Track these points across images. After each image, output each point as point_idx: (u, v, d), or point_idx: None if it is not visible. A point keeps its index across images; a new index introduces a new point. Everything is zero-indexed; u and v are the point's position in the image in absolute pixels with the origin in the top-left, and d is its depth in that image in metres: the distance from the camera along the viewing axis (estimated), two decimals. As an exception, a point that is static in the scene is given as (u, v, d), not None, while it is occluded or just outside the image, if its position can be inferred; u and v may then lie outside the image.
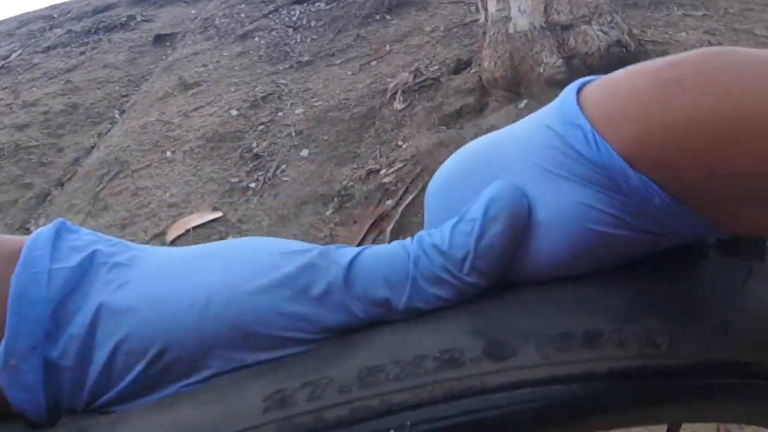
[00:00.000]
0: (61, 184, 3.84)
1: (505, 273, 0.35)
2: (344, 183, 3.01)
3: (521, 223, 0.34)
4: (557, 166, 0.33)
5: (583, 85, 0.35)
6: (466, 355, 0.32)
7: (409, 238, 0.38)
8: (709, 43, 3.73)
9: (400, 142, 3.21)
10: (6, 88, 4.99)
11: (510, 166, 0.36)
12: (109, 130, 4.19)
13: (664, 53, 3.44)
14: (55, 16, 6.33)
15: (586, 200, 0.32)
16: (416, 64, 3.82)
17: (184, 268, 0.37)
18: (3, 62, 5.52)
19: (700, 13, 4.18)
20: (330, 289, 0.34)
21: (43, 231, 0.37)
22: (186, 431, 0.32)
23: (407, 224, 2.70)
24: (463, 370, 0.31)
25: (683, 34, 3.83)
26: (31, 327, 0.33)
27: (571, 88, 0.35)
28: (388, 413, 0.30)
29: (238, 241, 0.40)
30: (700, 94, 0.29)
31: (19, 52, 5.68)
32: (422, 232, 0.38)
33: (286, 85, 3.99)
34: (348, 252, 0.37)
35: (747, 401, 0.37)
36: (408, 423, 0.30)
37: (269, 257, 0.36)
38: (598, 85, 0.34)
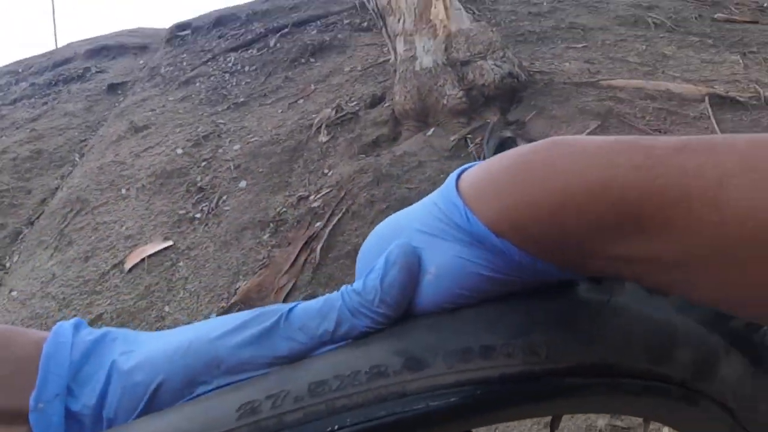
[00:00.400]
0: (31, 223, 3.80)
1: (413, 306, 0.38)
2: (278, 209, 3.02)
3: (414, 264, 0.36)
4: (441, 232, 0.36)
5: (464, 170, 0.37)
6: (390, 369, 0.34)
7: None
8: (589, 72, 3.83)
9: (326, 170, 3.23)
10: None
11: (407, 233, 0.38)
12: (70, 172, 4.13)
13: (550, 82, 3.56)
14: (20, 70, 6.17)
15: (464, 255, 0.35)
16: (337, 101, 3.83)
17: (172, 332, 0.39)
18: None
19: (581, 45, 4.26)
20: (276, 325, 0.37)
21: (64, 322, 0.39)
22: None
23: (335, 243, 2.72)
24: (388, 380, 0.34)
25: (566, 64, 3.91)
26: (56, 380, 0.35)
27: (453, 174, 0.37)
28: (332, 414, 0.33)
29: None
30: (542, 178, 0.32)
31: None
32: (347, 285, 0.40)
33: (224, 124, 3.98)
34: (290, 304, 0.40)
35: (618, 395, 0.38)
36: (348, 420, 0.33)
37: (233, 317, 0.40)
38: (474, 170, 0.36)
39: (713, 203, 0.28)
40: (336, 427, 0.33)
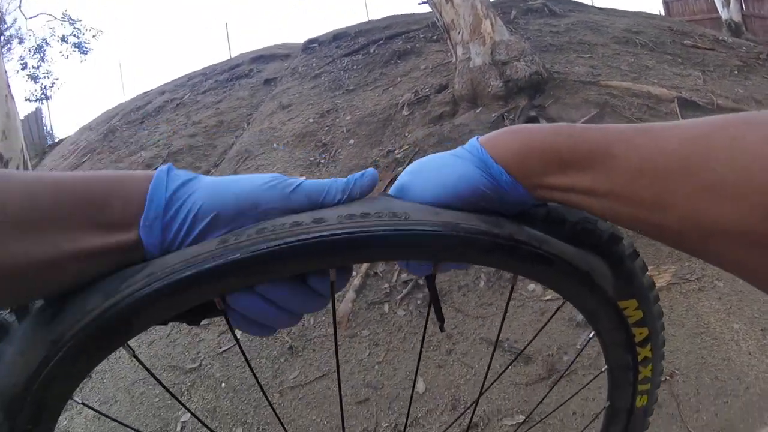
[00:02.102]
0: (216, 166, 3.92)
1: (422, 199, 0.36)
2: (374, 158, 3.01)
3: (375, 183, 0.37)
4: (465, 155, 0.35)
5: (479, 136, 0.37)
6: (304, 222, 0.32)
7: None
8: (592, 74, 3.65)
9: (406, 134, 3.20)
10: (183, 114, 5.05)
11: (446, 156, 0.37)
12: (241, 135, 4.22)
13: (564, 79, 3.40)
14: (207, 73, 6.32)
15: (475, 172, 0.34)
16: (415, 88, 3.78)
17: (231, 179, 0.36)
18: (179, 100, 5.57)
19: (587, 56, 4.08)
20: (295, 189, 0.35)
21: (162, 166, 0.36)
22: (177, 259, 0.32)
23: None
24: (301, 227, 0.32)
25: (576, 68, 3.76)
26: (156, 207, 0.33)
27: (474, 138, 0.37)
28: (264, 241, 0.31)
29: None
30: (519, 137, 0.34)
31: (189, 94, 5.72)
32: (336, 178, 0.39)
33: (340, 103, 3.97)
34: (301, 179, 0.38)
35: (469, 249, 0.35)
36: (265, 246, 0.31)
37: (270, 176, 0.36)
38: (487, 134, 0.36)
39: (619, 155, 0.30)
40: (265, 247, 0.31)
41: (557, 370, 1.54)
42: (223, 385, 1.81)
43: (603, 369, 0.48)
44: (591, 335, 0.47)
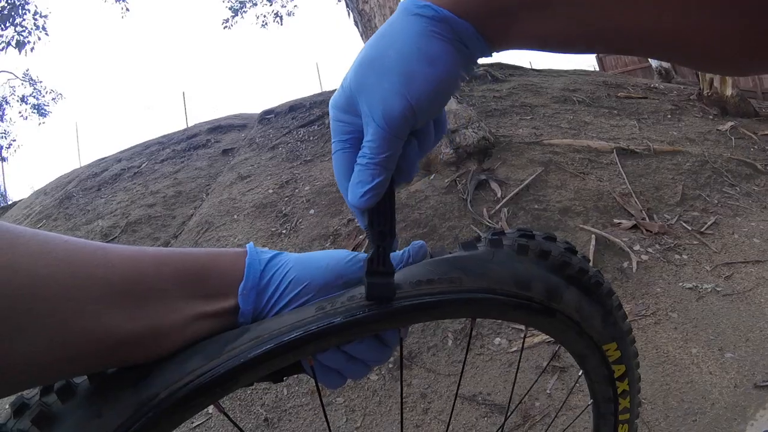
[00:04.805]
0: (176, 237, 3.82)
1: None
2: (335, 227, 3.04)
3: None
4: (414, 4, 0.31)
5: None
6: (358, 295, 0.37)
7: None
8: (535, 134, 3.81)
9: None
10: (140, 183, 4.96)
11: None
12: (200, 205, 4.20)
13: (510, 142, 3.58)
14: (165, 142, 6.28)
15: (430, 26, 0.31)
16: None
17: (315, 255, 0.40)
18: (137, 169, 5.46)
19: (529, 117, 4.28)
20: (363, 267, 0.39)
21: (251, 244, 0.40)
22: (281, 324, 0.35)
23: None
24: (357, 301, 0.37)
25: (520, 130, 3.93)
26: (253, 279, 0.37)
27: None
28: (348, 311, 0.36)
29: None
30: None
31: (147, 162, 5.64)
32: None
33: (299, 174, 4.01)
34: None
35: (503, 307, 0.41)
36: (359, 313, 0.36)
37: (346, 253, 0.41)
38: None
39: None
40: (360, 313, 0.36)
41: (531, 416, 1.59)
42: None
43: (589, 402, 0.57)
44: (581, 373, 0.54)
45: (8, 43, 9.63)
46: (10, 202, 8.47)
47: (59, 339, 0.28)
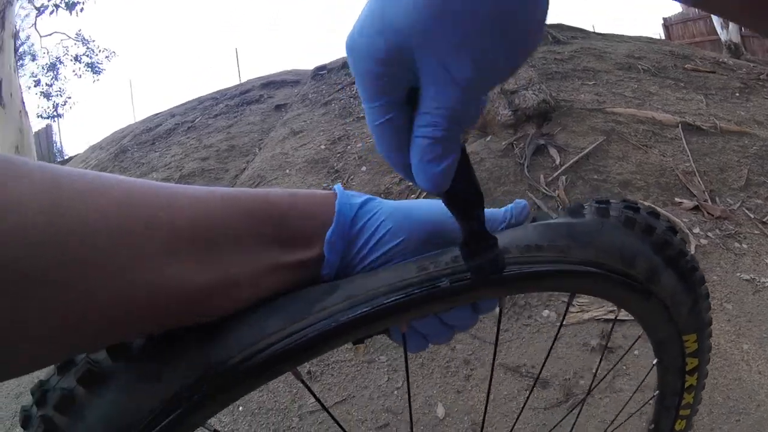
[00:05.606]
0: None
1: None
2: (387, 185, 3.04)
3: None
4: None
5: None
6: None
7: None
8: (597, 101, 3.67)
9: None
10: (194, 138, 5.09)
11: None
12: (253, 159, 4.27)
13: (571, 107, 3.46)
14: (218, 97, 6.37)
15: None
16: None
17: (410, 205, 0.35)
18: (190, 123, 5.61)
19: (592, 83, 4.10)
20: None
21: (338, 187, 0.36)
22: (378, 283, 0.31)
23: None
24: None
25: (582, 95, 3.79)
26: (342, 226, 0.32)
27: None
28: (440, 276, 0.32)
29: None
30: None
31: (200, 117, 5.75)
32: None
33: (351, 130, 4.00)
34: None
35: (606, 283, 0.37)
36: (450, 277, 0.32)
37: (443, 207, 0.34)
38: None
39: None
40: (467, 276, 0.32)
41: (574, 393, 1.60)
42: (240, 408, 1.86)
43: (654, 393, 0.55)
44: (654, 362, 0.52)
45: (57, 6, 9.86)
46: (66, 157, 8.89)
47: (115, 295, 0.24)
